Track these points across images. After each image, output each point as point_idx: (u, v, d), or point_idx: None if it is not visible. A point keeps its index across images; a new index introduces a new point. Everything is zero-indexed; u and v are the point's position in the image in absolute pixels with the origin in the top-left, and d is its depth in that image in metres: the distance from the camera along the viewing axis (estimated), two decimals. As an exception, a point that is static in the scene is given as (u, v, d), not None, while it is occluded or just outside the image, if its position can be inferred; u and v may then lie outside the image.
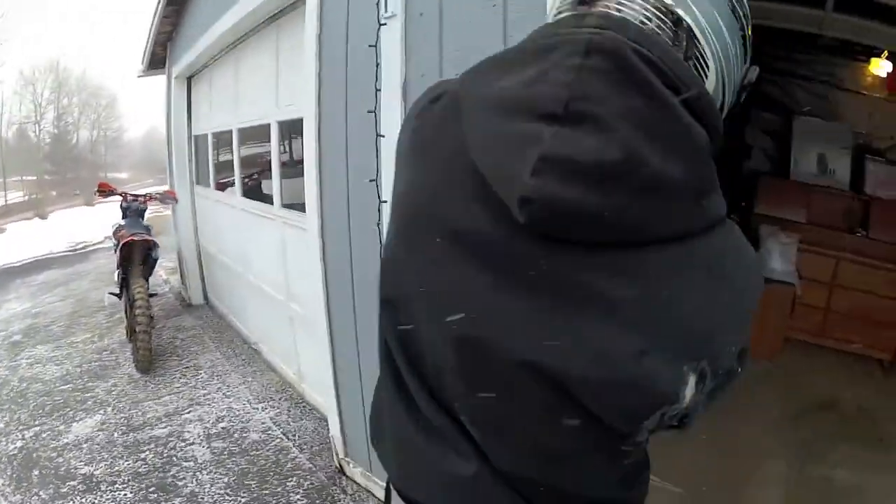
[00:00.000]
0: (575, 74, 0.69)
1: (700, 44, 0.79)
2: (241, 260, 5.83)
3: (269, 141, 4.85)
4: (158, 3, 6.53)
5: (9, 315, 8.89)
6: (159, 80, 7.85)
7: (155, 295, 6.18)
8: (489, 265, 0.75)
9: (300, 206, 4.25)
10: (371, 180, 2.70)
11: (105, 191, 6.41)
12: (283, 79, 4.47)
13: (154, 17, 6.81)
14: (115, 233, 6.22)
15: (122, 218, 6.37)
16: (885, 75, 5.52)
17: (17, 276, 12.71)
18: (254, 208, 5.30)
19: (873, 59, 5.47)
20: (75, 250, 15.99)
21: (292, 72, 4.14)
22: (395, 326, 0.88)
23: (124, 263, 5.67)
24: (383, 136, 2.63)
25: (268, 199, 5.02)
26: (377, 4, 2.57)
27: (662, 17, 0.78)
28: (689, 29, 0.78)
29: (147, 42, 7.37)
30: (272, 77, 4.61)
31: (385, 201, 2.66)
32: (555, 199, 0.67)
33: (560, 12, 0.85)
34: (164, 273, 8.86)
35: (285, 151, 4.88)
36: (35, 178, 40.68)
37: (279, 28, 4.45)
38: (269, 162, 4.89)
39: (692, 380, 0.73)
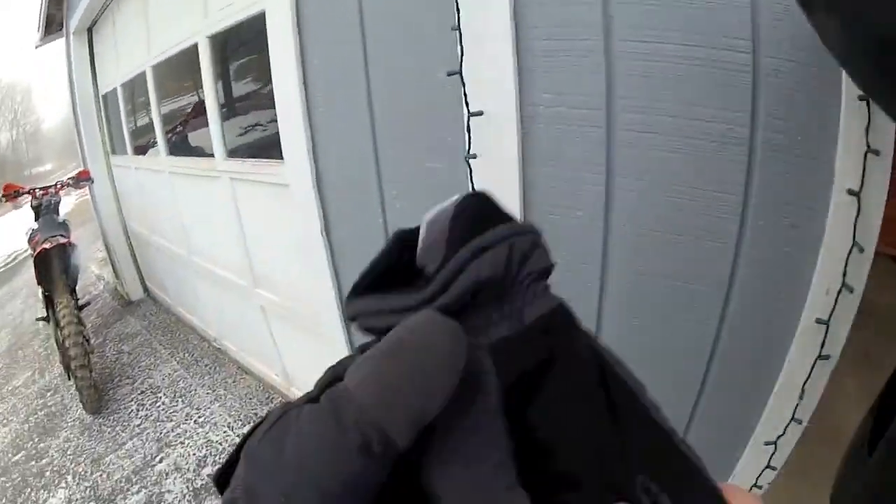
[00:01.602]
0: None
1: None
2: (180, 239, 4.59)
3: (191, 91, 3.76)
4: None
5: None
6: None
7: (87, 305, 5.18)
8: None
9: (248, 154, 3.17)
10: (452, 73, 1.42)
11: (10, 193, 5.25)
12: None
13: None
14: (29, 240, 5.14)
15: (35, 219, 5.29)
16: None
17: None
18: (188, 167, 3.99)
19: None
20: (7, 264, 14.03)
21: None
22: None
23: (43, 279, 4.63)
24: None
25: (200, 153, 3.78)
26: None
27: None
28: None
29: (41, 4, 6.01)
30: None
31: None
32: None
33: None
34: (95, 268, 7.82)
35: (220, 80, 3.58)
36: None
37: None
38: (197, 107, 3.69)
39: None
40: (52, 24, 6.27)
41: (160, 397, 4.18)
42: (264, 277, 3.39)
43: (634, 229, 1.33)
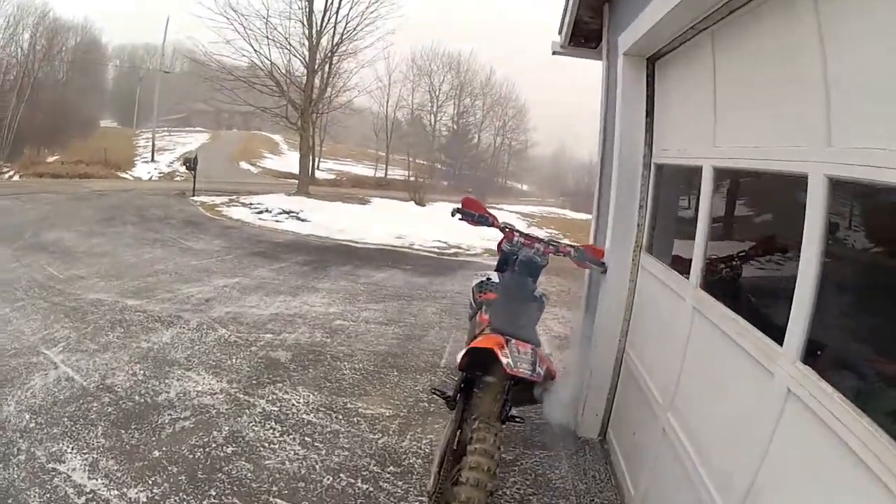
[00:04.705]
0: None
1: None
2: (687, 423, 3.09)
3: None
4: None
5: (299, 312, 7.66)
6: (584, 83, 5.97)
7: (519, 421, 3.55)
8: None
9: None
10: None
11: (470, 213, 4.13)
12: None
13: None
14: (476, 291, 4.20)
15: (498, 268, 4.16)
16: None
17: (351, 262, 11.92)
18: (725, 323, 2.72)
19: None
20: (442, 253, 14.78)
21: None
22: None
23: (473, 369, 3.38)
24: None
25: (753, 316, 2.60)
26: None
27: None
28: None
29: (567, 4, 5.22)
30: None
31: None
32: None
33: None
34: (546, 345, 6.44)
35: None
36: (426, 163, 46.38)
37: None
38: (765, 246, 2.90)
39: None
40: (583, 35, 5.43)
41: None
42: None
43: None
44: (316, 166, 37.70)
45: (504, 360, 2.93)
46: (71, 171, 28.97)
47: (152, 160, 38.18)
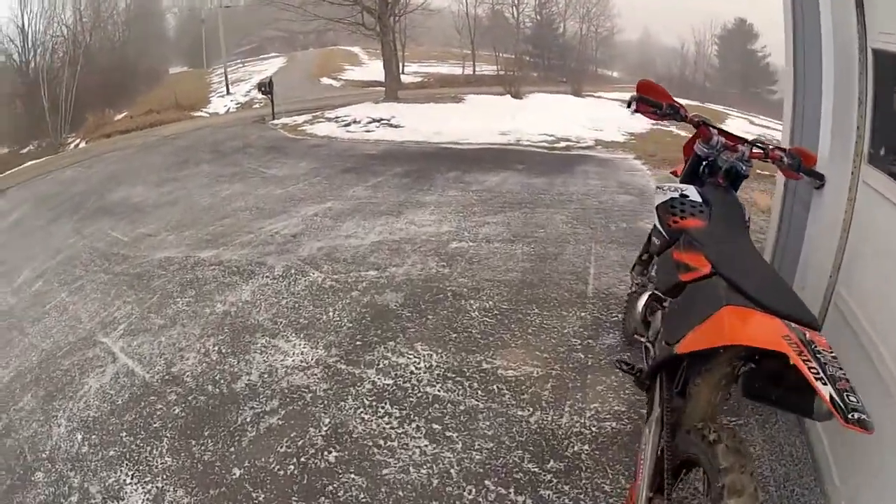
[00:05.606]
0: None
1: None
2: None
3: None
4: None
5: (405, 236, 6.59)
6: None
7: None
8: None
9: None
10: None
11: (654, 103, 3.08)
12: None
13: None
14: (666, 214, 3.02)
15: (687, 178, 3.27)
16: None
17: (457, 166, 10.70)
18: None
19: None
20: (553, 148, 13.36)
21: None
22: None
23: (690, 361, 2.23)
24: None
25: None
26: None
27: None
28: None
29: None
30: None
31: None
32: None
33: None
34: None
35: None
36: (512, 56, 44.29)
37: None
38: None
39: None
40: None
41: None
42: None
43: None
44: (401, 70, 36.54)
45: (824, 391, 1.50)
46: (141, 122, 28.64)
47: (227, 93, 37.86)
